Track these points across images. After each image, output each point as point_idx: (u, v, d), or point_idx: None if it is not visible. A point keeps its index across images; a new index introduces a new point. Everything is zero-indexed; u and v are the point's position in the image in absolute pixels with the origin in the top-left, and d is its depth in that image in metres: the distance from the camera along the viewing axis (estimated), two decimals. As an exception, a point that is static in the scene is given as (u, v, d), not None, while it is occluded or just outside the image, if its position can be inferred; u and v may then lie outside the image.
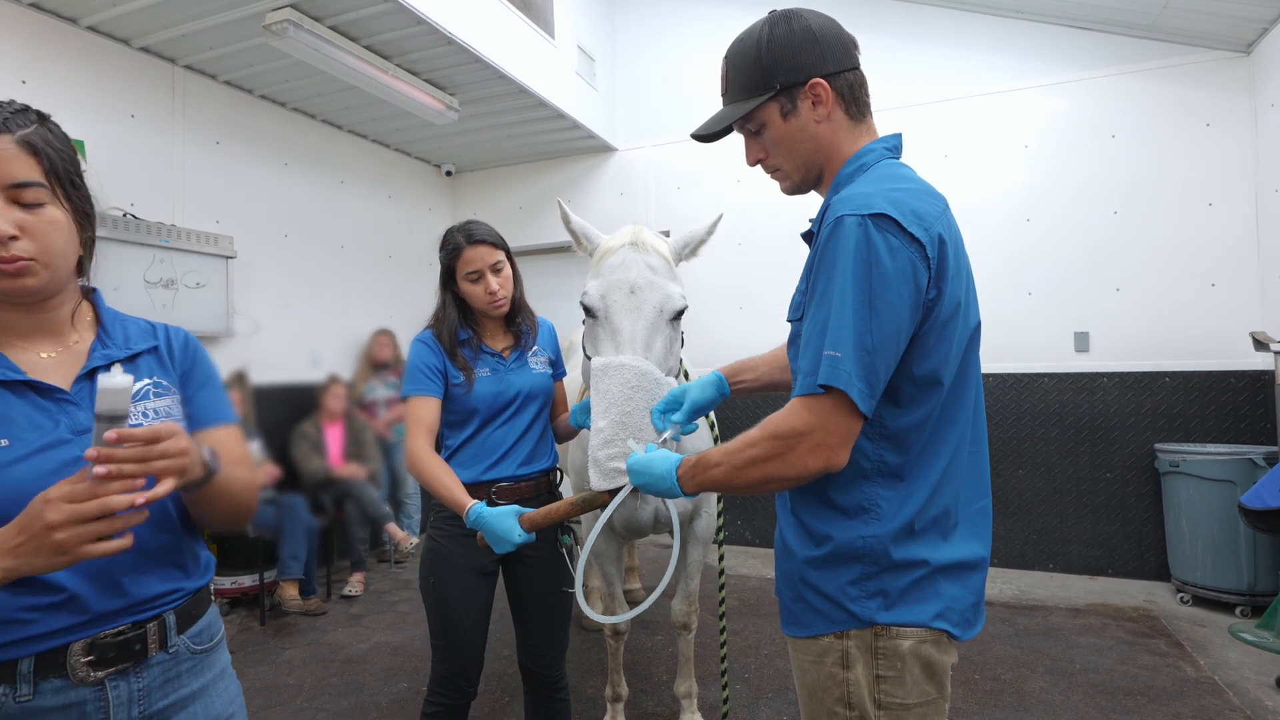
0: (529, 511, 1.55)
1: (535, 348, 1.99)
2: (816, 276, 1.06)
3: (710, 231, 1.83)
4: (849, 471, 1.07)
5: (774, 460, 1.04)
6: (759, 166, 1.27)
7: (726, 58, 1.24)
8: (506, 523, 1.55)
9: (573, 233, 1.80)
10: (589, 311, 1.63)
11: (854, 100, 1.18)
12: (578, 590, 1.44)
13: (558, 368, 2.04)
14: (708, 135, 1.28)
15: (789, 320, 1.20)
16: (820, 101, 1.15)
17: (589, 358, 1.63)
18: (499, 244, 1.89)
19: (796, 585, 1.14)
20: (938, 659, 1.09)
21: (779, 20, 1.17)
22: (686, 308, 1.64)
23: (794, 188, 1.26)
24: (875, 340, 0.99)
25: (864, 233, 1.00)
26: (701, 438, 2.41)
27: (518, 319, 1.98)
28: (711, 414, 2.42)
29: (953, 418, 1.10)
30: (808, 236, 1.23)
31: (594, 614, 1.47)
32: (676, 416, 1.44)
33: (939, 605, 1.07)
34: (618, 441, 1.42)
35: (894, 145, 1.20)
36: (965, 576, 1.11)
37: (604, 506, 1.44)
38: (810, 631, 1.12)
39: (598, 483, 1.42)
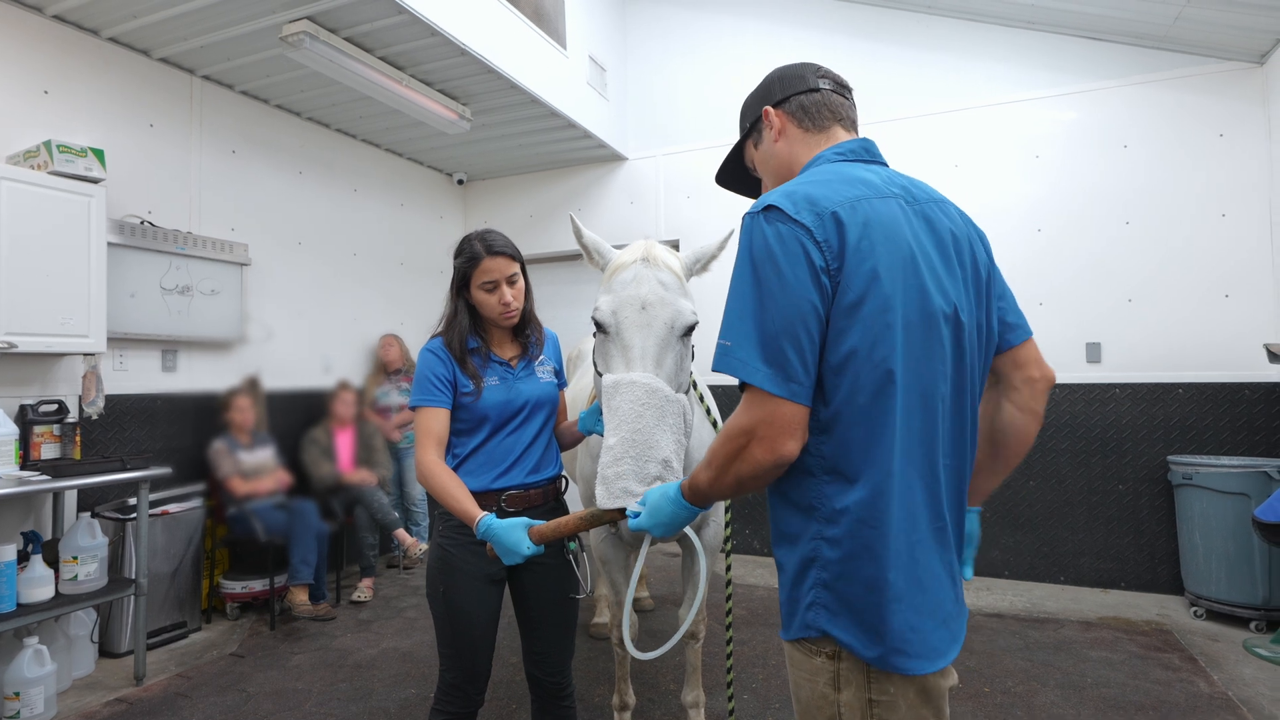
0: (538, 524, 1.57)
1: (542, 357, 2.00)
2: None
3: (721, 247, 1.84)
4: (797, 466, 1.08)
5: (735, 460, 1.06)
6: None
7: None
8: (516, 535, 1.56)
9: (585, 247, 1.82)
10: (600, 327, 1.64)
11: (806, 115, 1.27)
12: (626, 631, 1.45)
13: (560, 378, 2.06)
14: (736, 187, 1.50)
15: None
16: (772, 125, 1.29)
17: (600, 374, 1.64)
18: (516, 256, 1.90)
19: (785, 584, 1.15)
20: (935, 684, 1.06)
21: (761, 80, 1.37)
22: (698, 323, 1.65)
23: None
24: (777, 324, 1.01)
25: (754, 225, 1.07)
26: (707, 444, 2.41)
27: (526, 330, 1.99)
28: (715, 412, 2.43)
29: (894, 411, 1.03)
30: None
31: (637, 653, 1.42)
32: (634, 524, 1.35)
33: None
34: (627, 459, 1.43)
35: (848, 149, 1.22)
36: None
37: (613, 523, 1.45)
38: (789, 635, 1.12)
39: (604, 501, 1.43)
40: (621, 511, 1.42)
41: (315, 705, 3.07)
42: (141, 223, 3.91)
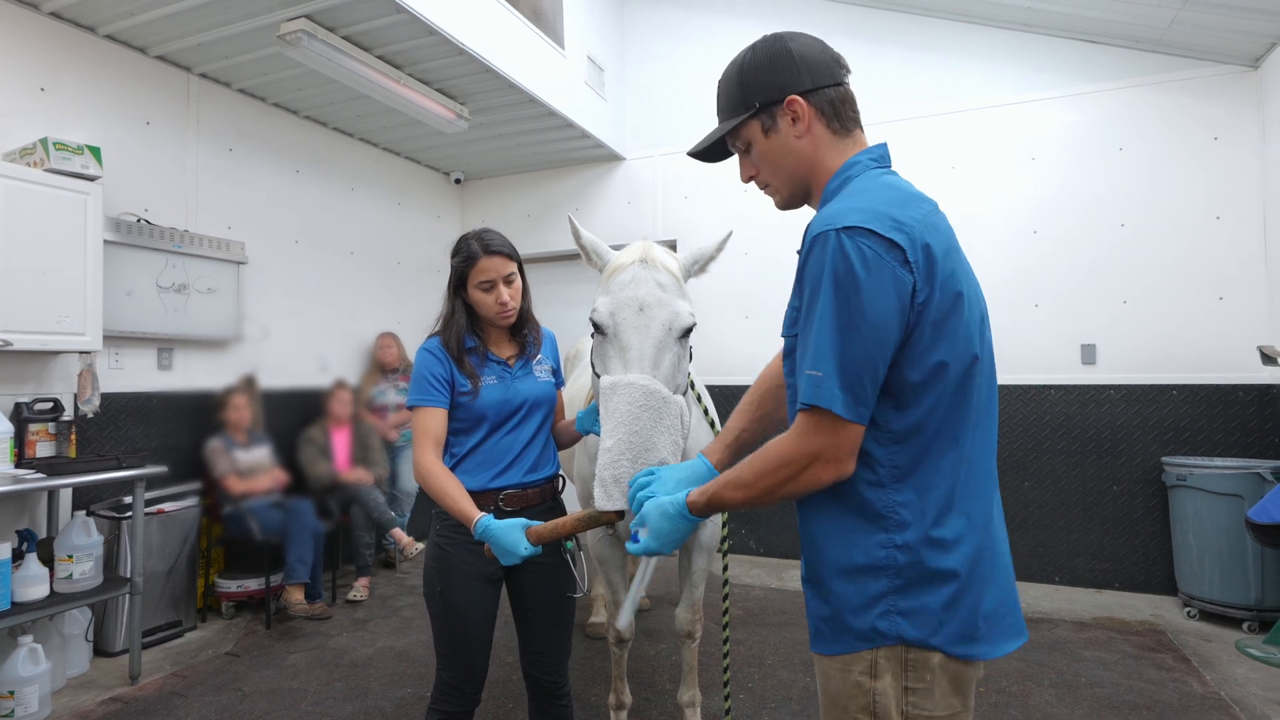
0: (536, 525, 1.58)
1: (539, 356, 2.01)
2: (800, 294, 1.09)
3: (720, 249, 1.84)
4: (859, 477, 1.07)
5: (789, 483, 1.07)
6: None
7: (719, 80, 1.29)
8: (513, 535, 1.57)
9: (583, 248, 1.82)
10: (598, 328, 1.64)
11: (835, 115, 1.18)
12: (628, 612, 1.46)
13: (557, 377, 2.06)
14: (701, 154, 1.35)
15: (783, 335, 1.20)
16: (798, 118, 1.17)
17: (598, 375, 1.65)
18: (513, 255, 1.90)
19: (827, 600, 1.12)
20: (965, 671, 1.08)
21: (761, 43, 1.21)
22: (695, 325, 1.65)
23: (784, 203, 1.28)
24: (859, 352, 1.01)
25: (839, 246, 1.02)
26: (704, 443, 2.41)
27: (524, 329, 1.99)
28: (713, 412, 2.43)
29: (971, 415, 1.10)
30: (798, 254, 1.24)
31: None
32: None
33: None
34: (624, 461, 1.43)
35: (879, 155, 1.21)
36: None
37: (610, 525, 1.45)
38: (840, 649, 1.10)
39: (602, 503, 1.43)
40: (619, 513, 1.42)
41: (311, 704, 3.07)
42: (138, 220, 3.90)
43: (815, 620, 1.15)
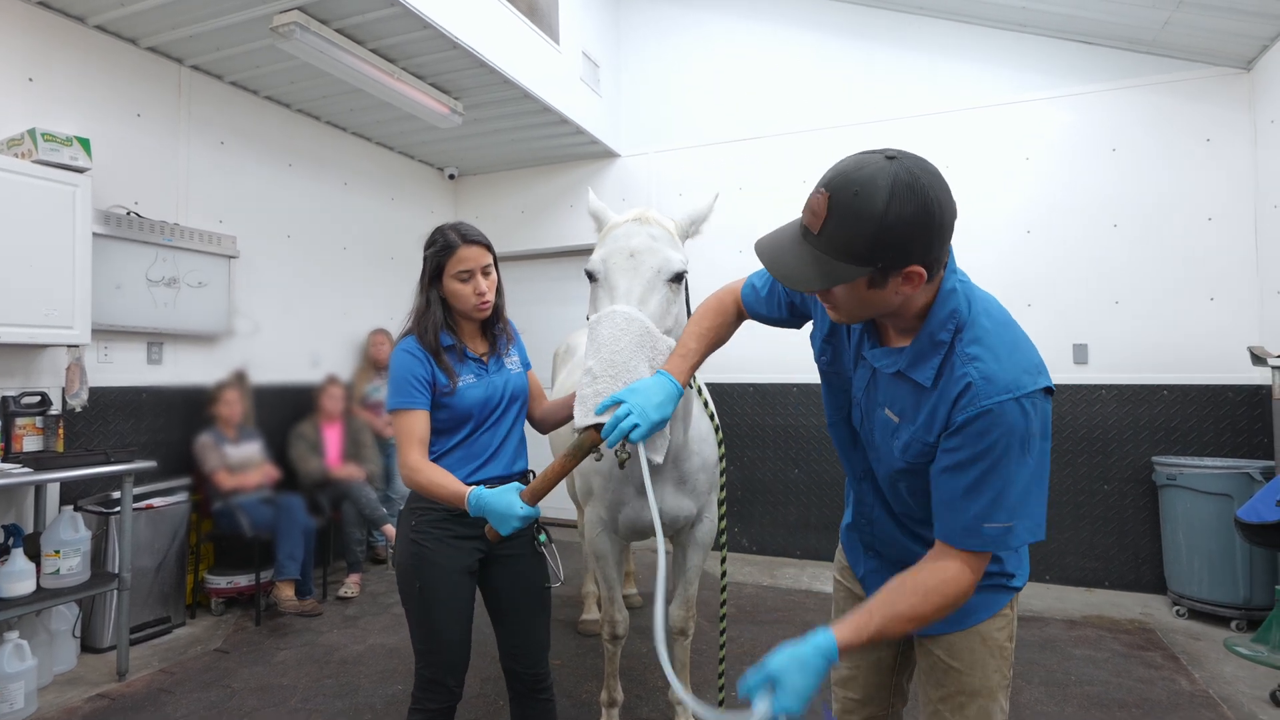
0: (526, 487, 1.57)
1: (509, 349, 2.01)
2: (959, 444, 1.16)
3: (710, 209, 1.93)
4: None
5: (942, 611, 1.17)
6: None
7: (832, 197, 1.07)
8: (508, 497, 1.55)
9: (593, 214, 1.96)
10: (591, 276, 1.73)
11: (938, 269, 1.15)
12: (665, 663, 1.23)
13: (525, 362, 2.06)
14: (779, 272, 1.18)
15: (907, 460, 1.26)
16: (909, 283, 1.11)
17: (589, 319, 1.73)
18: (490, 247, 1.90)
19: (989, 575, 1.33)
20: None
21: (908, 195, 1.04)
22: (687, 272, 1.73)
23: (847, 321, 1.26)
24: (1043, 483, 1.18)
25: (1024, 413, 1.13)
26: (706, 438, 2.40)
27: (496, 325, 1.98)
28: (708, 397, 2.44)
29: None
30: (898, 374, 1.25)
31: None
32: (635, 435, 1.37)
33: None
34: (605, 379, 1.47)
35: (954, 262, 1.20)
36: None
37: (595, 448, 1.44)
38: (1002, 604, 1.37)
39: (581, 420, 1.45)
40: (599, 435, 1.42)
41: (300, 701, 3.05)
42: (128, 213, 3.86)
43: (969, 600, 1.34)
